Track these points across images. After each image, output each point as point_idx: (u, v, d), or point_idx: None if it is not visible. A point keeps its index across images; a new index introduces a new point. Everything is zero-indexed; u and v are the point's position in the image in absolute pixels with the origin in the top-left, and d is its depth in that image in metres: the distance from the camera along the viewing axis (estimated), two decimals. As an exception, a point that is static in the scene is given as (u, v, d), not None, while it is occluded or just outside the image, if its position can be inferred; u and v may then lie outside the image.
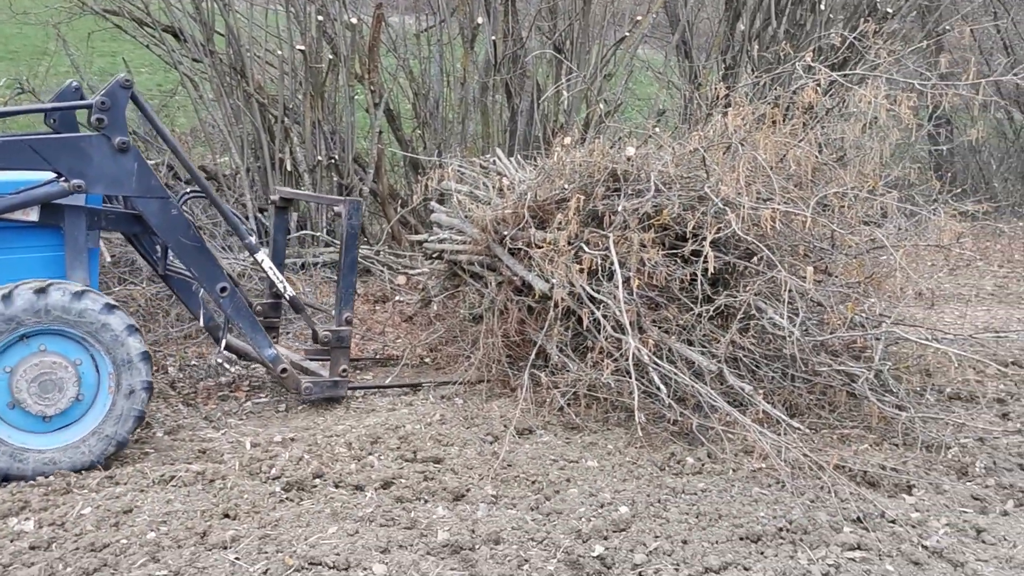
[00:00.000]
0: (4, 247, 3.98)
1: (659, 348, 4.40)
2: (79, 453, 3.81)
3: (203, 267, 4.34)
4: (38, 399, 3.75)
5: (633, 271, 4.40)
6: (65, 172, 3.95)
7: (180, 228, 4.26)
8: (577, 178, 4.96)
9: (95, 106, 3.96)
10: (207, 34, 7.88)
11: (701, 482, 3.82)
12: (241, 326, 4.51)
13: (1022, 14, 12.84)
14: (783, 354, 4.61)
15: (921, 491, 3.79)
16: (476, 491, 3.71)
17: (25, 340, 3.74)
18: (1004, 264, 9.11)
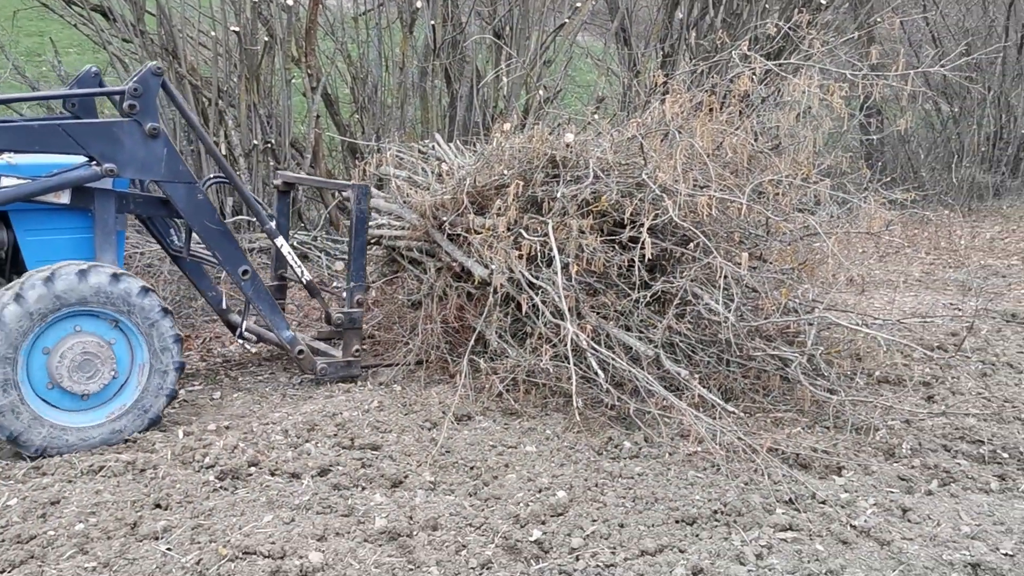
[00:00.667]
0: (36, 228, 4.10)
1: (597, 333, 4.42)
2: (114, 430, 3.96)
3: (226, 250, 4.48)
4: (75, 378, 3.87)
5: (572, 257, 4.42)
6: (97, 156, 4.03)
7: (205, 212, 4.39)
8: (516, 164, 4.95)
9: (127, 92, 4.04)
10: (137, 13, 7.66)
11: (638, 466, 3.86)
12: (260, 308, 4.65)
13: (950, 7, 13.18)
14: (718, 339, 4.68)
15: (850, 472, 3.88)
16: (414, 478, 3.70)
17: (65, 321, 3.85)
18: (931, 251, 9.37)
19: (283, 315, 4.81)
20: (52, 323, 3.82)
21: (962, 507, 3.55)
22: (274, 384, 5.00)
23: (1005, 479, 3.88)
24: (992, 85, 12.17)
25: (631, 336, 4.46)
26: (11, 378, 3.72)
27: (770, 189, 4.76)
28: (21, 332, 3.73)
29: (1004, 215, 11.48)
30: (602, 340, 4.41)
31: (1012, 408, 4.69)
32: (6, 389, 3.70)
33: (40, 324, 3.78)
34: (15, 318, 3.71)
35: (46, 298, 3.76)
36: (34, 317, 3.75)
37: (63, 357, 3.84)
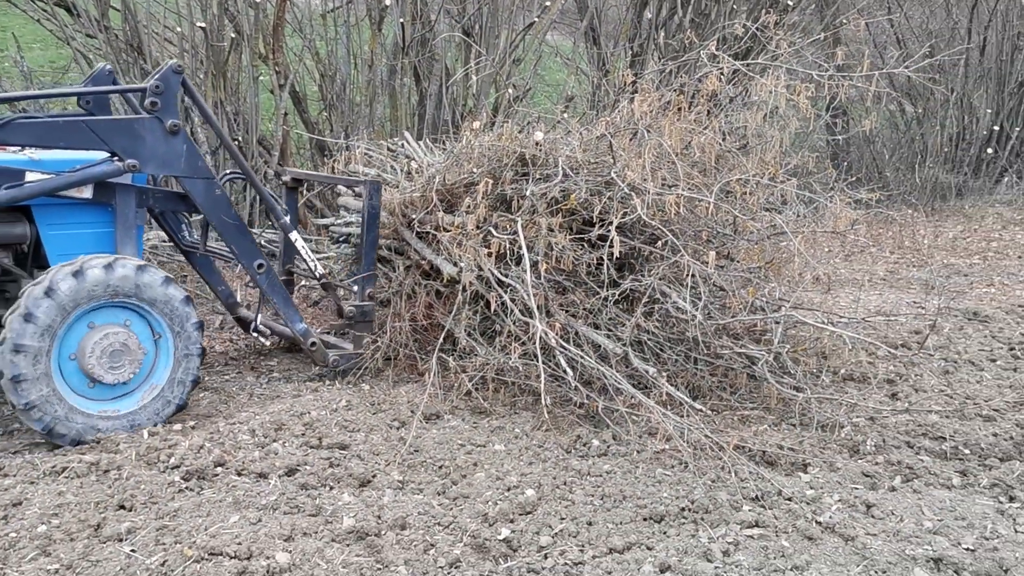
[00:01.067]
0: (59, 223, 4.18)
1: (566, 332, 4.43)
2: (143, 416, 4.09)
3: (242, 245, 4.57)
4: (106, 368, 3.96)
5: (541, 255, 4.42)
6: (120, 152, 4.11)
7: (223, 207, 4.49)
8: (486, 162, 4.95)
9: (149, 90, 4.13)
10: (102, 9, 7.57)
11: (606, 464, 3.88)
12: (275, 301, 4.74)
13: (914, 9, 13.36)
14: (686, 337, 4.70)
15: (816, 469, 3.92)
16: (382, 477, 3.69)
17: (94, 312, 3.95)
18: (895, 250, 9.49)
19: (296, 308, 4.88)
20: (82, 315, 3.91)
21: (924, 503, 3.60)
22: (241, 383, 4.96)
23: (966, 475, 3.94)
24: (955, 86, 12.35)
25: (600, 334, 4.47)
26: (45, 371, 3.79)
27: (737, 188, 4.80)
28: (53, 325, 3.80)
29: (966, 215, 11.66)
30: (571, 338, 4.42)
31: (973, 405, 4.76)
32: (39, 382, 3.77)
33: (70, 316, 3.85)
34: (47, 311, 3.77)
35: (76, 291, 3.83)
36: (65, 310, 3.82)
37: (93, 348, 3.92)
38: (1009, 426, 4.43)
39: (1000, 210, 11.82)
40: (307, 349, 4.87)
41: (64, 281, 3.82)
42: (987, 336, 6.16)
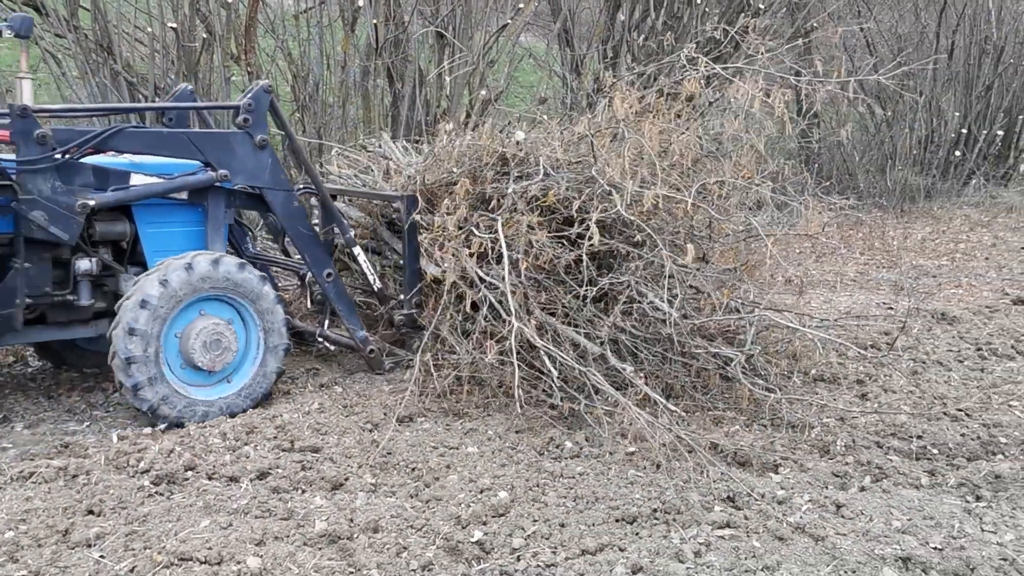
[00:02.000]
0: (156, 222, 4.50)
1: (544, 330, 4.45)
2: (234, 403, 4.38)
3: (315, 254, 4.85)
4: (206, 355, 4.27)
5: (521, 253, 4.44)
6: (214, 162, 4.48)
7: (299, 218, 4.80)
8: (467, 161, 4.97)
9: (242, 107, 4.53)
10: (71, 8, 7.48)
11: (579, 466, 3.88)
12: (339, 308, 4.95)
13: (884, 14, 13.51)
14: (662, 337, 4.73)
15: (787, 470, 3.95)
16: (355, 480, 3.67)
17: (198, 304, 4.29)
18: (865, 251, 9.59)
19: (358, 316, 5.05)
20: (188, 305, 4.24)
21: (893, 502, 3.64)
22: (212, 386, 4.91)
23: (935, 474, 3.99)
24: (924, 90, 12.50)
25: (578, 332, 4.49)
26: (154, 354, 4.10)
27: (714, 190, 4.82)
28: (164, 313, 4.13)
29: (935, 216, 11.81)
30: (549, 336, 4.44)
31: (941, 405, 4.82)
32: (148, 364, 4.08)
33: (179, 306, 4.18)
34: (161, 300, 4.10)
35: (186, 283, 4.17)
36: (175, 300, 4.15)
37: (196, 337, 4.24)
38: (976, 426, 4.49)
39: (968, 212, 11.98)
40: (366, 356, 5.06)
41: (176, 273, 4.15)
42: (955, 337, 6.24)
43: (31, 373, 5.04)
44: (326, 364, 5.35)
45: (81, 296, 4.32)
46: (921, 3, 12.90)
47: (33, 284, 4.15)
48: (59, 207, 4.05)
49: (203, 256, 4.26)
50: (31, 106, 4.03)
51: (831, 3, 11.33)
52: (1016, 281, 8.22)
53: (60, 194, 4.06)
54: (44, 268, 4.19)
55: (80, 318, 4.39)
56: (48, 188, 4.04)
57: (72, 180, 4.13)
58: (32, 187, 4.00)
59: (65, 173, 4.10)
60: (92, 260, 4.31)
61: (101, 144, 4.23)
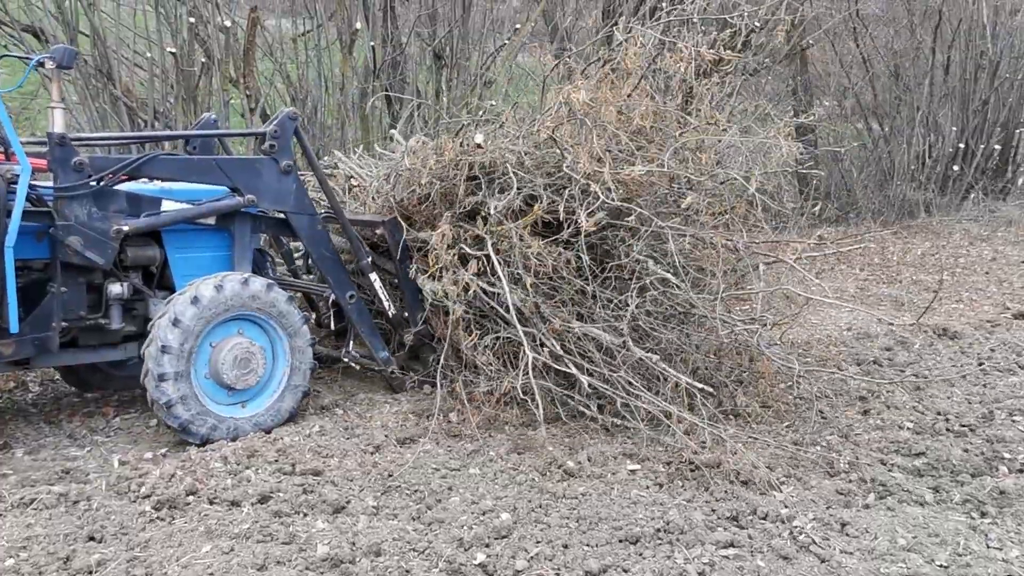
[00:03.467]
0: (185, 246, 4.61)
1: (562, 334, 4.48)
2: (261, 422, 4.44)
3: (337, 276, 4.94)
4: (236, 375, 4.35)
5: (520, 267, 4.46)
6: (241, 187, 4.59)
7: (323, 241, 4.90)
8: (436, 182, 4.94)
9: (268, 134, 4.64)
10: (70, 35, 7.53)
11: (581, 486, 3.87)
12: (361, 330, 5.01)
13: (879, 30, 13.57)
14: (677, 312, 4.73)
15: (790, 488, 3.94)
16: (357, 503, 3.66)
17: (228, 323, 4.37)
18: (864, 267, 9.59)
19: (380, 337, 5.13)
20: (219, 324, 4.32)
21: (898, 520, 3.62)
22: (213, 410, 4.90)
23: (939, 491, 3.97)
24: (920, 105, 12.54)
25: (596, 327, 4.50)
26: (185, 372, 4.19)
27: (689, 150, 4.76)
28: (195, 331, 4.21)
29: (934, 231, 11.81)
30: (571, 339, 4.46)
31: (944, 421, 4.80)
32: (180, 381, 4.16)
33: (210, 325, 4.27)
34: (192, 318, 4.18)
35: (216, 302, 4.26)
36: (206, 319, 4.24)
37: (226, 355, 4.33)
38: (980, 442, 4.47)
39: (967, 226, 11.98)
40: (387, 376, 5.13)
41: (207, 292, 4.25)
42: (956, 352, 6.23)
43: (32, 399, 5.03)
44: (326, 386, 5.34)
45: (112, 320, 4.40)
46: (916, 19, 12.96)
47: (68, 308, 4.25)
48: (95, 232, 4.16)
49: (233, 276, 4.38)
50: (69, 135, 4.12)
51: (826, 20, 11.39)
52: (1017, 295, 8.21)
53: (96, 220, 4.17)
54: (79, 292, 4.30)
55: (110, 341, 4.48)
56: (84, 214, 4.14)
57: (107, 206, 4.23)
58: (69, 213, 4.10)
59: (100, 200, 4.21)
60: (123, 284, 4.40)
61: (134, 171, 4.34)
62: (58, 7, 7.47)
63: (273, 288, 4.49)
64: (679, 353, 4.79)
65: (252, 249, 4.80)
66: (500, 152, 4.87)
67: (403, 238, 5.01)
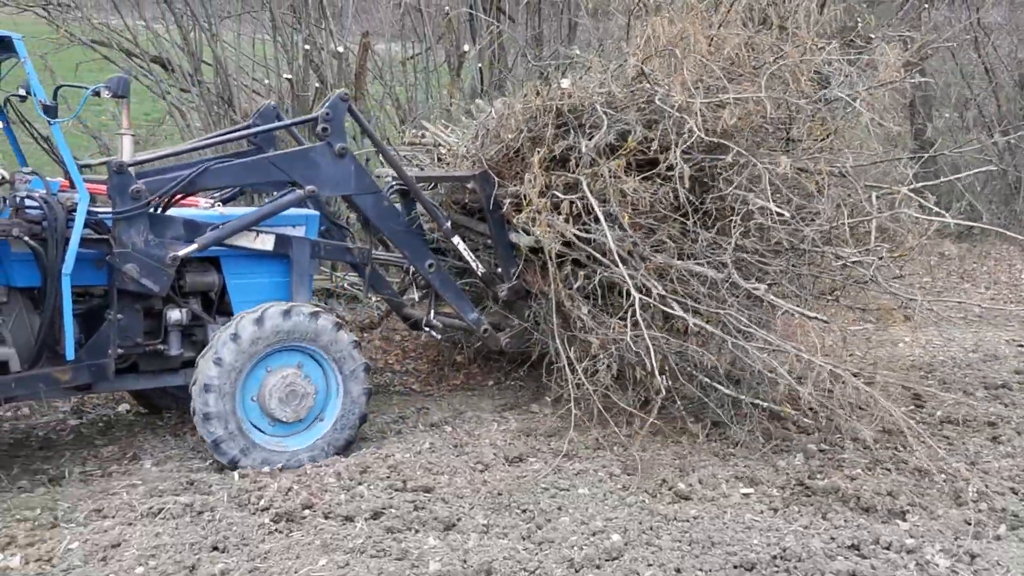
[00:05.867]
0: (242, 273, 4.57)
1: (664, 273, 4.40)
2: (315, 452, 4.34)
3: (413, 248, 4.88)
4: (284, 407, 4.29)
5: (616, 204, 4.36)
6: (300, 180, 4.51)
7: (392, 217, 4.83)
8: (524, 128, 4.82)
9: (320, 118, 4.53)
10: (195, 64, 7.90)
11: (693, 508, 3.80)
12: (447, 296, 5.00)
13: (1001, 39, 12.99)
14: (783, 248, 4.57)
15: (915, 516, 3.77)
16: (467, 520, 3.68)
17: (274, 355, 4.29)
18: (990, 286, 9.16)
19: (468, 300, 5.10)
20: (263, 358, 4.24)
21: (1032, 552, 3.43)
22: (327, 426, 5.02)
23: (1077, 523, 3.74)
24: (1048, 116, 11.93)
25: (699, 265, 4.39)
26: (231, 408, 4.13)
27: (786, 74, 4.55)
28: (238, 367, 4.16)
29: (1065, 248, 11.20)
30: (672, 277, 4.38)
31: (1082, 448, 4.53)
32: (227, 418, 4.12)
33: (254, 359, 4.20)
34: (233, 355, 4.14)
35: (257, 336, 4.19)
36: (248, 353, 4.18)
37: (273, 389, 4.26)
38: (1122, 471, 4.20)
39: (1101, 242, 11.32)
40: (480, 335, 5.12)
41: (246, 328, 4.17)
42: (1093, 375, 5.88)
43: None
44: (435, 403, 5.41)
45: (172, 346, 4.42)
46: (1043, 26, 12.36)
47: (125, 335, 4.26)
48: (151, 260, 4.16)
49: (274, 308, 4.27)
50: (127, 161, 4.14)
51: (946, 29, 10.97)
52: None
53: (152, 247, 4.17)
54: (135, 319, 4.30)
55: (170, 367, 4.48)
56: (141, 241, 4.14)
57: (164, 233, 4.23)
58: (126, 240, 4.12)
59: (157, 226, 4.22)
60: (182, 311, 4.41)
61: (190, 187, 4.35)
62: (184, 38, 7.84)
63: (319, 316, 4.36)
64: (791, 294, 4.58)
65: (311, 275, 4.72)
66: (588, 94, 4.71)
67: (494, 192, 4.89)
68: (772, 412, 4.48)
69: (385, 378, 5.90)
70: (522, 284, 5.02)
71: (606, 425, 4.47)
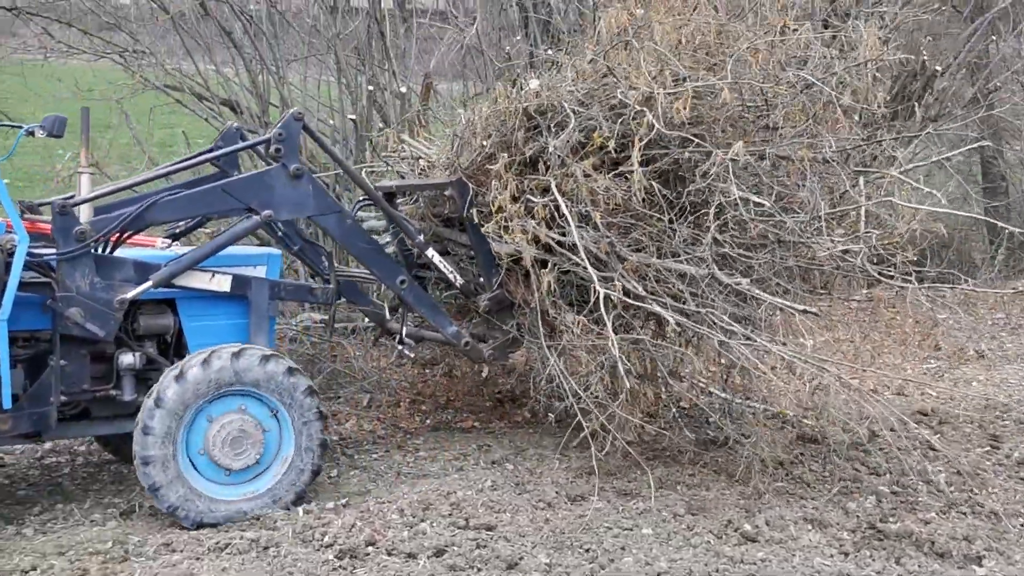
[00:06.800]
0: (199, 314, 4.38)
1: (642, 272, 4.29)
2: (261, 503, 4.13)
3: (382, 266, 4.72)
4: (229, 454, 4.08)
5: (589, 204, 4.26)
6: (256, 206, 4.31)
7: (357, 235, 4.64)
8: (494, 131, 4.73)
9: (273, 138, 4.32)
10: (262, 106, 8.10)
11: (760, 551, 3.73)
12: (423, 311, 4.85)
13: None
14: (769, 240, 4.42)
15: (992, 562, 3.65)
16: (529, 559, 3.66)
17: (221, 400, 4.08)
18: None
19: (445, 314, 4.97)
20: (209, 402, 4.05)
21: (1120, 602, 3.29)
22: (389, 462, 5.05)
23: None
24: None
25: (678, 263, 4.27)
26: (171, 454, 3.95)
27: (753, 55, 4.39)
28: (180, 411, 3.97)
29: None
30: (650, 276, 4.27)
31: None
32: (166, 465, 3.94)
33: (197, 403, 4.01)
34: (175, 398, 3.96)
35: (203, 379, 4.00)
36: (192, 396, 3.99)
37: (217, 435, 4.07)
38: None
39: None
40: (461, 349, 4.96)
41: (192, 370, 4.00)
42: None
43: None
44: (496, 440, 5.40)
45: (125, 391, 4.22)
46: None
47: (70, 381, 4.08)
48: (97, 303, 3.98)
49: (223, 350, 4.08)
50: (70, 202, 3.97)
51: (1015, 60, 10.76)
52: None
53: (99, 290, 3.99)
54: (82, 364, 4.12)
55: (125, 412, 4.23)
56: (86, 284, 3.97)
57: (111, 275, 4.06)
58: (70, 283, 3.94)
59: (105, 268, 4.05)
60: (135, 354, 4.23)
61: (138, 222, 4.19)
62: (252, 81, 8.06)
63: (270, 360, 4.13)
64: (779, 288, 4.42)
65: (271, 317, 4.53)
66: (558, 93, 4.61)
67: (471, 198, 4.70)
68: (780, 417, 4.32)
69: (447, 415, 5.92)
70: (504, 294, 4.85)
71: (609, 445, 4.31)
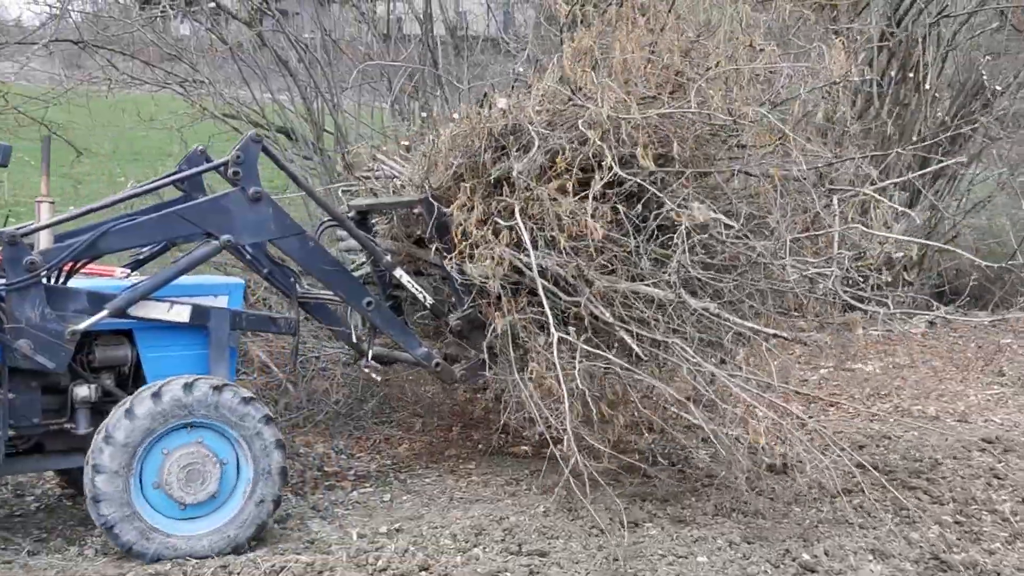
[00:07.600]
0: (157, 345, 4.27)
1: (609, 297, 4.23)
2: (219, 538, 4.00)
3: (347, 287, 4.61)
4: (186, 488, 3.96)
5: (556, 227, 4.20)
6: (214, 231, 4.21)
7: (320, 257, 4.53)
8: (459, 154, 4.66)
9: (231, 161, 4.19)
10: (316, 133, 8.24)
11: (819, 582, 3.65)
12: (391, 333, 4.76)
13: None
14: (740, 262, 4.35)
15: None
16: (583, 587, 3.63)
17: (174, 433, 3.96)
18: None
19: (414, 335, 4.91)
20: (161, 435, 3.93)
21: None
22: (442, 487, 5.07)
23: None
24: None
25: (645, 285, 4.19)
26: (123, 490, 3.82)
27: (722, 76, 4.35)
28: (132, 446, 3.85)
29: None
30: (617, 300, 4.20)
31: None
32: (119, 501, 3.82)
33: (150, 437, 3.89)
34: (126, 433, 3.84)
35: (154, 412, 3.88)
36: (142, 431, 3.87)
37: (172, 469, 3.94)
38: None
39: None
40: (431, 370, 4.88)
41: (143, 404, 3.88)
42: None
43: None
44: (550, 465, 5.36)
45: (79, 424, 4.11)
46: None
47: (18, 415, 3.97)
48: (47, 335, 3.88)
49: (174, 383, 3.95)
50: (18, 232, 3.88)
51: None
52: None
53: (50, 321, 3.89)
54: (32, 397, 4.02)
55: (80, 446, 4.05)
56: (36, 315, 3.86)
57: (64, 306, 3.96)
58: (19, 314, 3.84)
59: (56, 299, 3.96)
60: (91, 387, 4.12)
61: (91, 251, 4.09)
62: (307, 109, 8.22)
63: (224, 390, 4.02)
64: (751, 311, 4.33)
65: (231, 348, 4.43)
66: (525, 113, 4.52)
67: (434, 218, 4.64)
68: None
69: (499, 440, 5.91)
70: (476, 313, 4.75)
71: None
